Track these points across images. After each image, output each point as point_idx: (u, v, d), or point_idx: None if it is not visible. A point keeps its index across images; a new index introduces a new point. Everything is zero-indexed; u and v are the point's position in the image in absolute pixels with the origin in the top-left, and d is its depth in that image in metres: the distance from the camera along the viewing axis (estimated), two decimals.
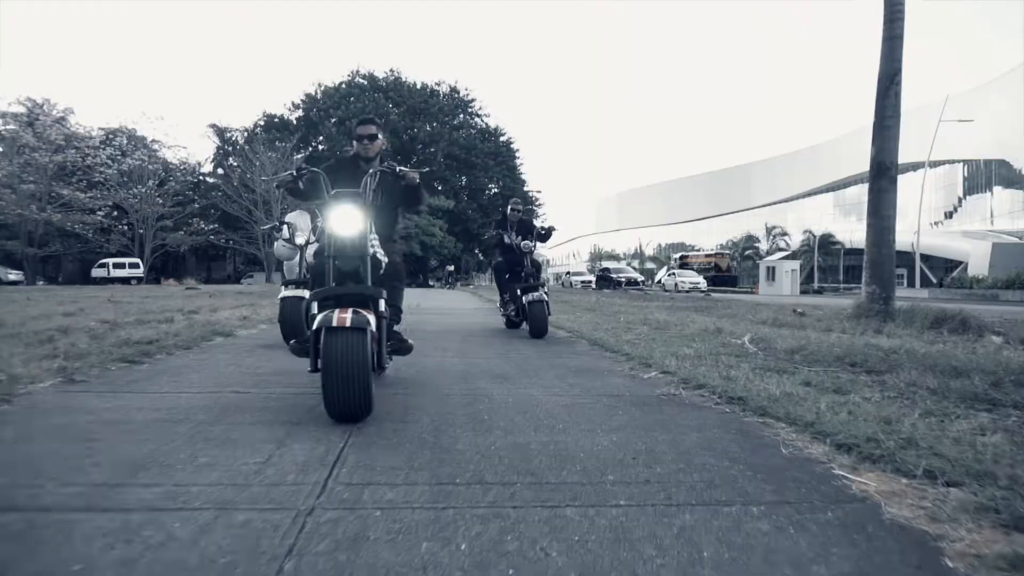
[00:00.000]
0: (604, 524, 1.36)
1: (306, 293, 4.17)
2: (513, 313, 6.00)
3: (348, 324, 2.11)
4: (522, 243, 5.77)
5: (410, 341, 2.91)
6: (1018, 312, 9.75)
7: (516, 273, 5.79)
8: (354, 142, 3.06)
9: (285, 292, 4.56)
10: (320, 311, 2.24)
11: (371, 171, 2.84)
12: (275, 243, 5.04)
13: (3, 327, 4.26)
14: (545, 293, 5.53)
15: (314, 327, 2.19)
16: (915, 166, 45.01)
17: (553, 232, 6.20)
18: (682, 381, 3.10)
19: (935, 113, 35.48)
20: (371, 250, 2.53)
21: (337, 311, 2.16)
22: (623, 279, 30.08)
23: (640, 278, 32.71)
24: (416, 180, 2.90)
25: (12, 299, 10.73)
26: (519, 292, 5.62)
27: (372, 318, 2.22)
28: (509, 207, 6.20)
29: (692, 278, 32.38)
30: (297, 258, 4.77)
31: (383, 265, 2.69)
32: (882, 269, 6.95)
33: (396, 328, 2.95)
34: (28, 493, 1.48)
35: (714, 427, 2.27)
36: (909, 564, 1.20)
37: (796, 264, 33.61)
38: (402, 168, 2.86)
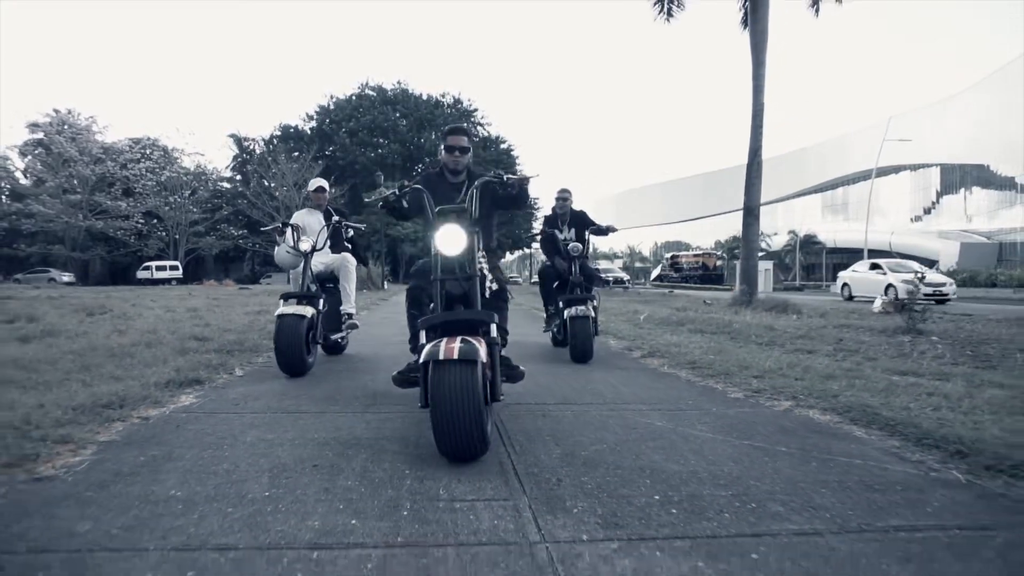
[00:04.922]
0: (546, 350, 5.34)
1: (308, 311, 3.85)
2: (556, 330, 5.22)
3: (456, 356, 1.98)
4: (570, 245, 5.00)
5: (521, 367, 2.66)
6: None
7: (565, 282, 5.06)
8: (443, 151, 2.91)
9: (283, 308, 3.86)
10: (428, 340, 2.14)
11: (477, 183, 2.70)
12: (276, 248, 4.46)
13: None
14: (594, 308, 4.77)
15: (421, 359, 2.07)
16: (896, 169, 49.15)
17: (612, 231, 5.36)
18: None
19: (929, 116, 39.87)
20: (480, 270, 2.44)
21: (444, 342, 2.04)
22: (611, 278, 33.31)
23: (626, 277, 35.43)
24: (526, 187, 2.76)
25: (150, 301, 14.31)
26: (561, 305, 4.83)
27: (483, 347, 2.09)
28: (555, 199, 5.31)
29: (934, 278, 17.34)
30: (301, 267, 4.24)
31: (491, 287, 2.56)
32: (749, 275, 10.93)
33: (503, 353, 2.60)
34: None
35: None
36: (628, 359, 5.11)
37: (771, 264, 36.39)
38: (509, 175, 2.75)
